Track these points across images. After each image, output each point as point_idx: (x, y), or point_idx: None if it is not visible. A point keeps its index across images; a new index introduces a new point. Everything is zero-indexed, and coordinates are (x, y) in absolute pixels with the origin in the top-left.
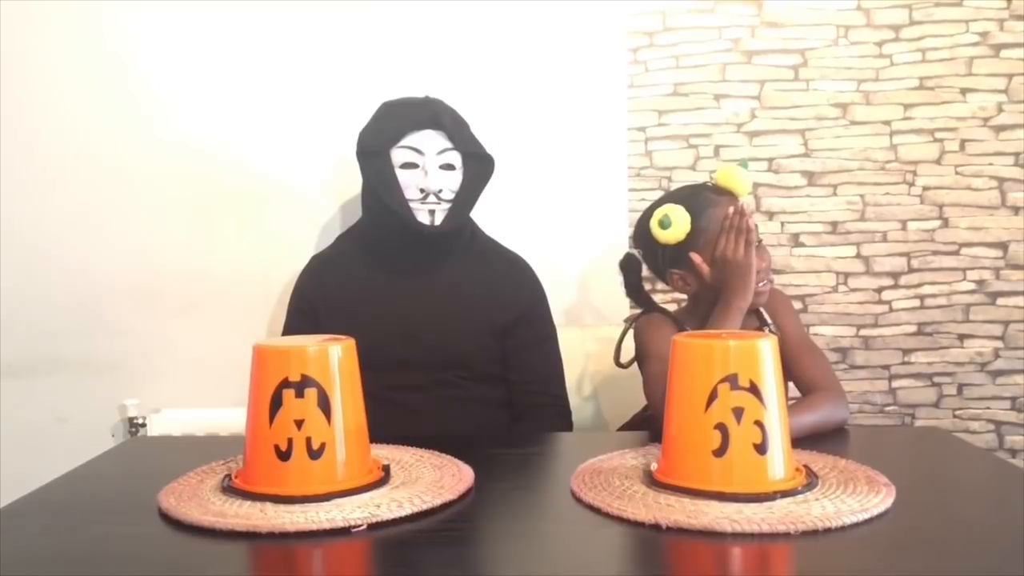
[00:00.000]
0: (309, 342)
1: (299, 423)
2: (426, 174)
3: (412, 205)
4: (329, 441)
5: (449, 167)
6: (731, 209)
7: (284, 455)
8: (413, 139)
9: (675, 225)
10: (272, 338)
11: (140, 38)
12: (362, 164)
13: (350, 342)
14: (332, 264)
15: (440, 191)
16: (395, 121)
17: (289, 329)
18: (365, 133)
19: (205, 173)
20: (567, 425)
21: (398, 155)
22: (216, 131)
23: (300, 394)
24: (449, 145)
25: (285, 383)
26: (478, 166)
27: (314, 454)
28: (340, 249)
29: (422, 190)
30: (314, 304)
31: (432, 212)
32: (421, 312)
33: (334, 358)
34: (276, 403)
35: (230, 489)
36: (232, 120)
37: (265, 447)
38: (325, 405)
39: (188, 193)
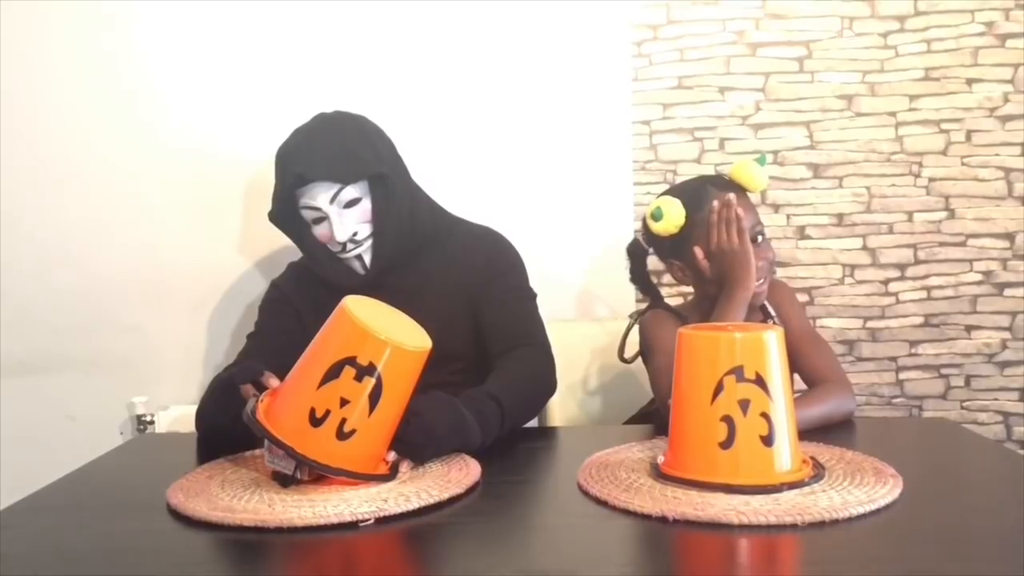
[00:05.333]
0: (392, 336)
1: (344, 401)
2: (331, 227)
3: (340, 256)
4: (361, 431)
5: (352, 203)
6: (715, 202)
7: (317, 422)
8: (305, 197)
9: (667, 217)
10: (359, 301)
11: (148, 37)
12: (279, 227)
13: (426, 350)
14: (309, 272)
15: (354, 234)
16: (286, 179)
17: (261, 329)
18: (273, 193)
19: (213, 171)
20: (548, 367)
21: (306, 214)
22: (224, 130)
23: (359, 378)
24: (337, 187)
25: (351, 360)
26: (383, 185)
27: (342, 435)
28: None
29: (339, 242)
30: (298, 308)
31: (360, 257)
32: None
33: (406, 360)
34: (334, 373)
35: (252, 418)
36: (240, 119)
37: (301, 405)
38: (376, 398)
39: (196, 191)
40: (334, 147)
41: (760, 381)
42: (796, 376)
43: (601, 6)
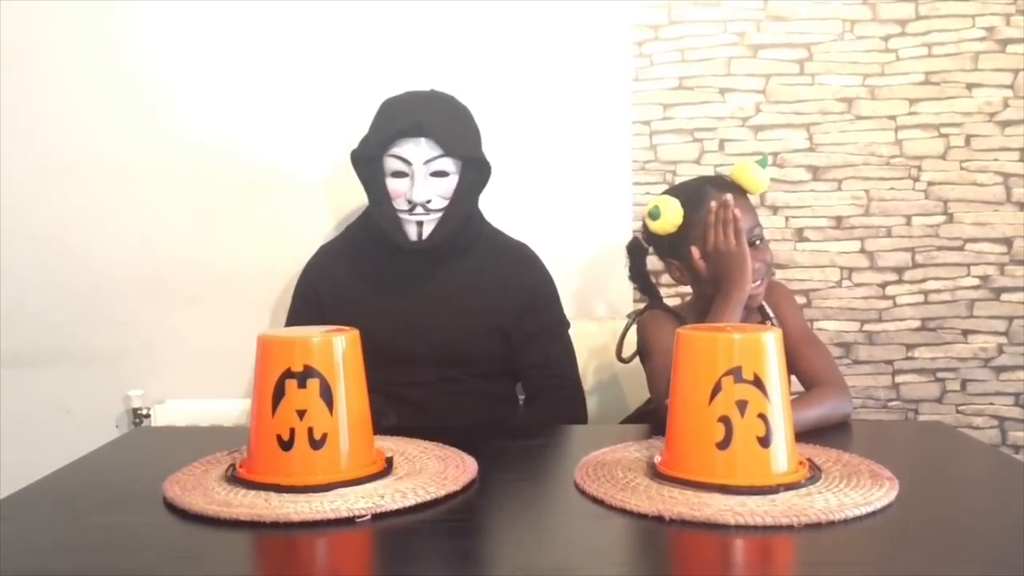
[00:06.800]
0: (313, 333)
1: (301, 413)
2: (413, 184)
3: (401, 216)
4: (331, 431)
5: (441, 174)
6: (713, 203)
7: (286, 445)
8: (401, 148)
9: (664, 216)
10: (276, 328)
11: (145, 30)
12: (357, 169)
13: (354, 333)
14: (340, 255)
15: (428, 201)
16: (387, 126)
17: (295, 316)
18: (366, 136)
19: (209, 165)
20: (582, 408)
21: (389, 163)
22: (221, 123)
23: (303, 384)
24: (438, 152)
25: (288, 373)
26: (476, 172)
27: (316, 444)
28: (348, 239)
29: (410, 201)
30: (320, 293)
31: (420, 224)
32: (429, 310)
33: (338, 349)
34: (279, 393)
35: (234, 479)
36: (237, 112)
37: (268, 437)
38: (328, 396)
39: (192, 185)
40: (450, 117)
41: (758, 382)
42: (793, 378)
43: (602, 6)
